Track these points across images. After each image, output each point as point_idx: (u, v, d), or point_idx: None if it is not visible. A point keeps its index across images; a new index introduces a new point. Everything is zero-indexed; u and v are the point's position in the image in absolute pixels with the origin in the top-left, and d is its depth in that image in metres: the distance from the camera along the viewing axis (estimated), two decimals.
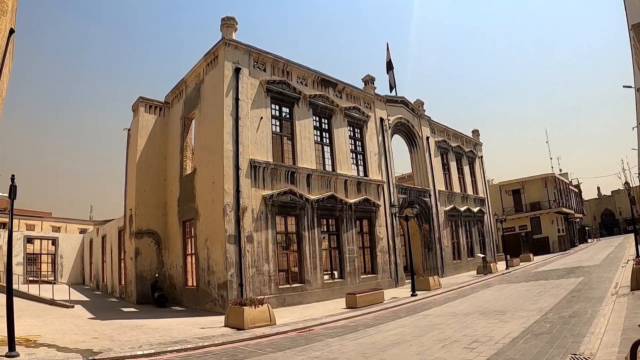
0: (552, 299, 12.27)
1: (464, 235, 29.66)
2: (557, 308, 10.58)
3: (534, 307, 11.05)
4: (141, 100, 21.20)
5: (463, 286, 19.77)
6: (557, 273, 20.91)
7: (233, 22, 17.68)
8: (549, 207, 43.01)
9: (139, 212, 20.00)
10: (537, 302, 12.06)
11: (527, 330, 8.35)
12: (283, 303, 16.41)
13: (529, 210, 44.11)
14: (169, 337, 10.80)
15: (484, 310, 11.70)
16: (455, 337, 8.39)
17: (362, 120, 22.70)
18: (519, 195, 45.32)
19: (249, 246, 15.89)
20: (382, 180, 22.87)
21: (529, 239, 43.57)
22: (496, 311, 11.16)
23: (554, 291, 14.10)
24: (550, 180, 45.24)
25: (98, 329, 12.50)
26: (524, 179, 45.16)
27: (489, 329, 8.81)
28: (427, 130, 28.29)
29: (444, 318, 11.15)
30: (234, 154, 16.21)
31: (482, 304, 13.08)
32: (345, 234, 19.91)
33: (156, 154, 20.98)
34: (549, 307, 10.79)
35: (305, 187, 18.51)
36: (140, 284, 19.29)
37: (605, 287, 13.71)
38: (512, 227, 44.19)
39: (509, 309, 11.37)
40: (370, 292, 15.74)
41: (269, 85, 18.07)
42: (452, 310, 12.57)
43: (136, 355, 9.06)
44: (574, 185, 61.96)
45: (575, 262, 26.23)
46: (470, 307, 12.80)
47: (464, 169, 32.17)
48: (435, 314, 12.13)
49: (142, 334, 11.50)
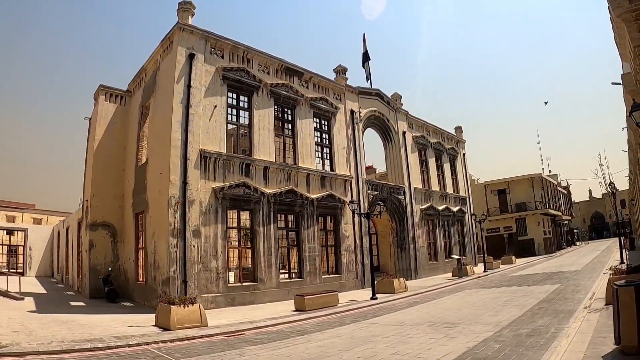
0: (517, 310, 11.44)
1: (441, 236, 28.88)
2: (518, 323, 9.66)
3: (492, 320, 10.18)
4: (102, 88, 20.49)
5: (431, 290, 19.01)
6: (534, 278, 20.13)
7: (190, 6, 16.91)
8: (535, 208, 42.17)
9: (95, 203, 19.32)
10: (499, 313, 11.24)
11: (469, 351, 7.31)
12: (232, 302, 15.74)
13: (515, 211, 43.26)
14: (87, 335, 10.27)
15: (436, 321, 10.91)
16: (382, 356, 7.55)
17: (329, 112, 21.93)
18: (504, 195, 44.45)
19: (195, 241, 15.19)
20: (350, 176, 22.12)
21: (513, 240, 42.76)
22: (448, 323, 10.35)
23: (522, 300, 13.28)
24: (537, 180, 44.29)
25: (26, 322, 12.00)
26: (509, 178, 44.27)
27: (427, 347, 7.94)
28: (404, 124, 27.50)
29: (388, 328, 10.38)
30: (183, 143, 15.49)
31: (438, 313, 12.31)
32: (306, 230, 19.20)
33: (115, 143, 20.29)
34: (508, 321, 9.88)
35: (261, 180, 17.78)
36: (94, 277, 18.60)
37: (579, 297, 12.81)
38: (497, 227, 43.53)
39: (464, 320, 10.56)
40: (322, 295, 14.96)
41: (225, 73, 17.32)
42: (403, 319, 11.80)
43: (39, 352, 8.57)
44: (563, 187, 60.97)
45: (557, 267, 25.40)
46: (424, 316, 12.04)
47: (444, 166, 31.34)
48: (381, 323, 11.36)
49: (66, 329, 10.98)
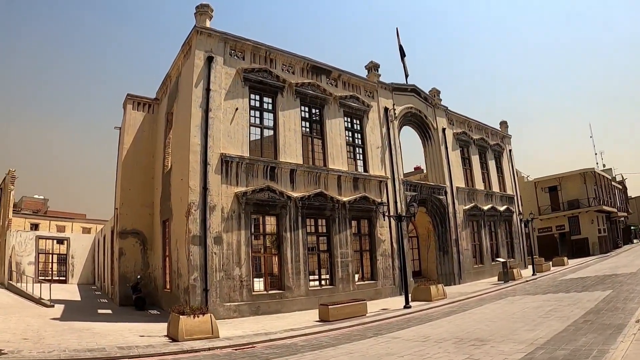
0: (558, 323, 9.90)
1: (487, 237, 26.92)
2: (556, 341, 8.18)
3: (527, 337, 8.72)
4: (129, 97, 20.57)
5: (472, 297, 17.44)
6: (584, 283, 18.12)
7: (207, 9, 16.51)
8: (589, 205, 38.94)
9: (124, 211, 19.31)
10: (537, 327, 9.75)
11: None
12: (257, 311, 15.01)
13: (567, 208, 40.06)
14: (94, 344, 10.01)
15: (465, 336, 9.56)
16: None
17: (361, 110, 20.84)
18: (555, 192, 41.26)
19: (216, 248, 14.60)
20: (385, 176, 20.91)
21: (566, 240, 39.66)
22: (477, 339, 9.01)
23: (566, 310, 11.65)
24: (590, 176, 40.84)
25: (42, 330, 11.95)
26: (560, 174, 41.13)
27: None
28: (444, 121, 25.90)
29: (408, 345, 9.20)
30: (202, 148, 15.00)
31: (469, 326, 10.93)
32: (338, 235, 18.18)
33: (143, 151, 20.27)
34: (545, 339, 8.41)
35: (287, 184, 16.98)
36: (123, 285, 18.56)
37: (631, 308, 11.02)
38: (549, 227, 40.55)
39: (495, 336, 9.17)
40: (349, 304, 13.86)
41: (246, 74, 16.71)
42: (429, 333, 10.53)
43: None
44: (618, 181, 56.21)
45: (610, 269, 22.95)
46: (453, 329, 10.69)
47: (489, 163, 29.27)
48: (404, 337, 10.17)
49: (76, 338, 10.77)
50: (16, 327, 12.11)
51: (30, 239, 29.01)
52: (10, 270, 26.89)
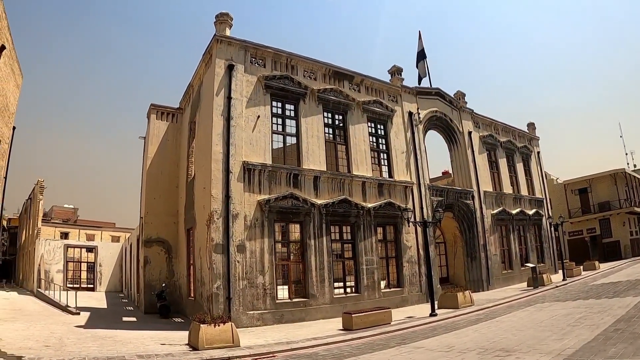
0: (588, 332, 9.35)
1: (516, 242, 26.09)
2: (584, 351, 7.67)
3: (554, 347, 8.22)
4: (152, 107, 20.80)
5: (499, 303, 16.83)
6: (616, 288, 17.26)
7: (226, 17, 16.56)
8: (620, 207, 37.45)
9: (149, 220, 19.46)
10: (566, 336, 9.22)
11: None
12: (281, 320, 14.81)
13: (597, 211, 38.65)
14: (114, 352, 10.04)
15: (490, 346, 9.11)
16: None
17: (385, 115, 20.52)
18: (585, 194, 39.91)
19: (239, 256, 14.49)
20: (410, 182, 20.49)
21: (597, 243, 38.20)
22: (502, 350, 8.55)
23: (596, 318, 11.05)
24: (621, 176, 39.29)
25: (65, 337, 12.07)
26: (590, 176, 39.74)
27: None
28: (470, 124, 25.31)
29: (431, 356, 8.82)
30: (224, 156, 14.95)
31: (495, 335, 10.44)
32: (363, 242, 17.86)
33: (168, 160, 20.42)
34: (573, 349, 7.90)
35: (311, 191, 16.77)
36: (148, 293, 18.67)
37: None
38: (579, 230, 39.22)
39: (522, 346, 8.69)
40: (373, 312, 13.54)
41: (267, 81, 16.64)
42: (454, 342, 10.10)
43: None
44: None
45: None
46: (479, 339, 10.23)
47: (517, 166, 28.40)
48: (427, 347, 9.78)
49: (97, 346, 10.81)
50: (40, 334, 12.26)
51: (59, 248, 29.65)
52: (39, 278, 27.50)
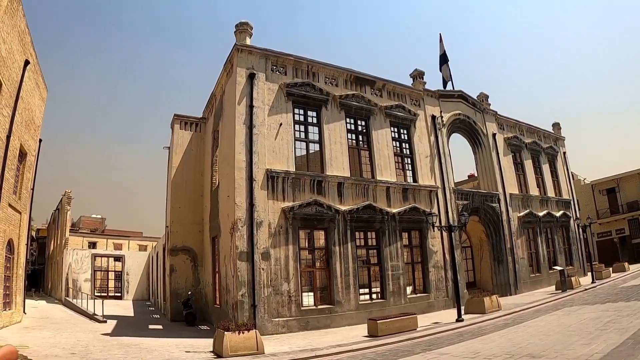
0: (616, 336, 9.00)
1: (543, 245, 25.42)
2: (613, 356, 7.35)
3: (582, 352, 7.93)
4: (176, 117, 21.12)
5: (527, 308, 16.39)
6: None
7: (246, 27, 16.72)
8: None
9: (174, 229, 19.70)
10: (594, 341, 8.90)
11: None
12: (306, 327, 14.74)
13: (626, 211, 37.34)
14: (139, 359, 10.24)
15: (516, 352, 8.82)
16: None
17: (408, 119, 20.35)
18: (614, 194, 38.64)
19: (264, 264, 14.51)
20: (435, 186, 20.23)
21: (626, 244, 36.94)
22: (529, 355, 8.27)
23: (625, 322, 10.66)
24: None
25: (91, 345, 12.34)
26: (618, 175, 38.49)
27: None
28: (494, 126, 24.88)
29: None
30: (247, 164, 15.04)
31: (522, 341, 10.13)
32: (388, 247, 17.69)
33: (192, 170, 20.67)
34: (601, 354, 7.60)
35: (335, 197, 16.71)
36: (175, 301, 18.89)
37: None
38: (608, 231, 38.04)
39: (549, 352, 8.40)
40: (398, 318, 13.36)
41: (289, 89, 16.71)
42: (480, 348, 9.83)
43: None
44: None
45: None
46: (505, 344, 9.95)
47: (543, 168, 27.74)
48: (453, 354, 9.55)
49: (122, 353, 11.03)
50: (66, 342, 12.53)
51: (86, 257, 30.31)
52: (67, 287, 28.12)
